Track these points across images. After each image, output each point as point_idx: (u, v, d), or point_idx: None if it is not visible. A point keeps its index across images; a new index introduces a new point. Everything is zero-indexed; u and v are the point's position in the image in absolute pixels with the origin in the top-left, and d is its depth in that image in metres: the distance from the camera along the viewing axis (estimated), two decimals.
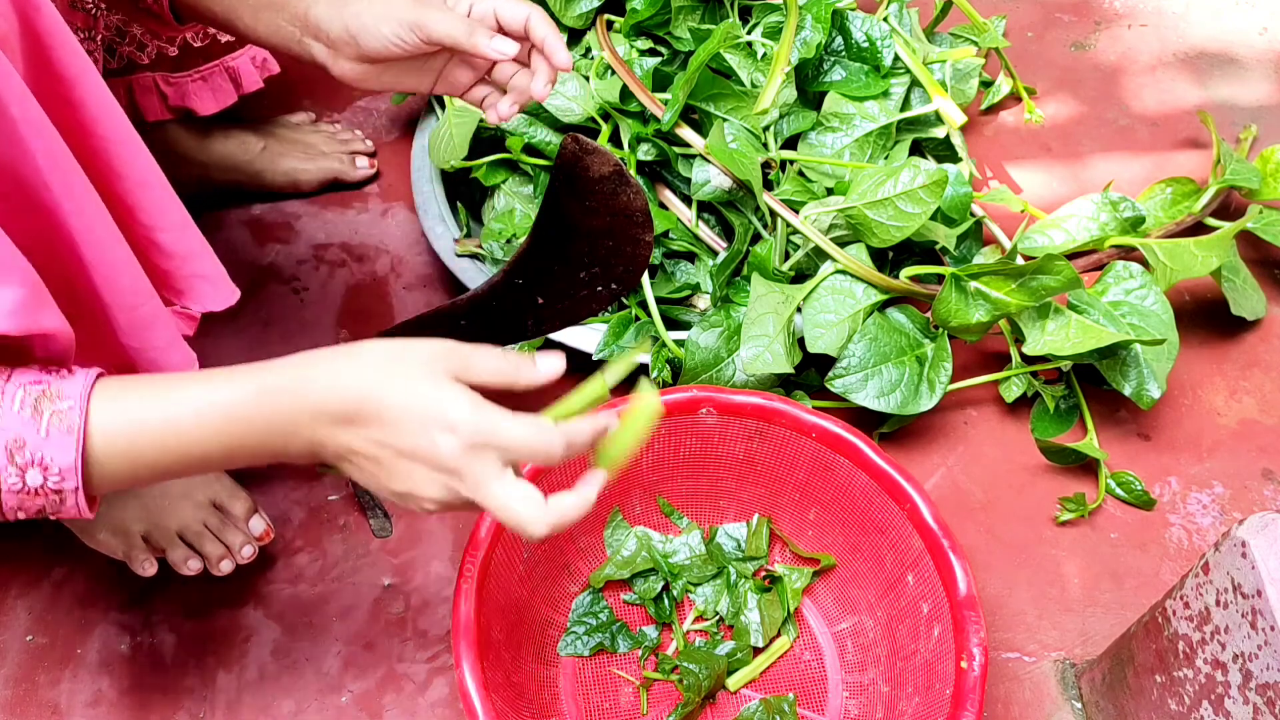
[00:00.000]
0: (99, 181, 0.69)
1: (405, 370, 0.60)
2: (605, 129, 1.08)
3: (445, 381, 0.60)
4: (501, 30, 0.79)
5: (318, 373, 0.61)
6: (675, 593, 0.94)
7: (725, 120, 1.04)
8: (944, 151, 1.16)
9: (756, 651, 0.92)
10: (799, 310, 1.00)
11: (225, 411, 0.60)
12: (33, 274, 0.60)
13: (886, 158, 1.10)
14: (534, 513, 0.60)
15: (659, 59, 1.13)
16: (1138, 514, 1.04)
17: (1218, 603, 0.72)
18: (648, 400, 0.65)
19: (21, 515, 0.60)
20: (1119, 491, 1.04)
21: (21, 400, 0.58)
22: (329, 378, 0.60)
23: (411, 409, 0.59)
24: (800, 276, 1.04)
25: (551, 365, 0.64)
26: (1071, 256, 1.09)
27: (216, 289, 0.80)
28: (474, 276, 1.06)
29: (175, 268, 0.77)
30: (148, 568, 0.89)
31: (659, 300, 1.04)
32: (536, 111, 1.11)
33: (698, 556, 0.95)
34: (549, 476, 0.86)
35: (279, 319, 1.13)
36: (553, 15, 1.14)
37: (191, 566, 0.89)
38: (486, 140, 1.13)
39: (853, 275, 1.01)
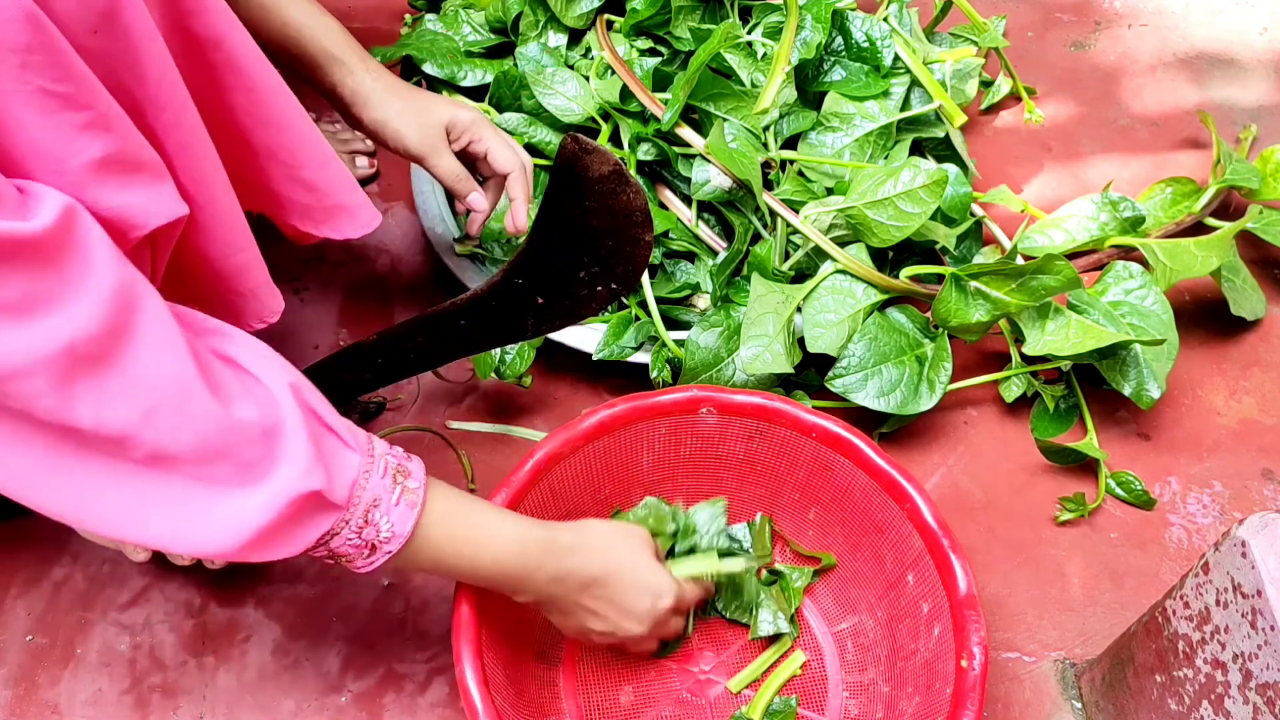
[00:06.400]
0: (238, 134, 0.75)
1: (631, 552, 0.81)
2: (605, 129, 1.08)
3: (655, 563, 0.82)
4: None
5: (588, 541, 0.78)
6: None
7: (725, 120, 1.04)
8: (944, 151, 1.16)
9: (763, 645, 0.92)
10: (799, 310, 1.00)
11: (515, 535, 0.74)
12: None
13: (886, 158, 1.10)
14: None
15: (659, 59, 1.13)
16: (1138, 514, 1.04)
17: (1218, 602, 0.72)
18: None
19: (321, 552, 0.67)
20: (1119, 491, 1.04)
21: (385, 468, 0.68)
22: (583, 553, 0.78)
23: (638, 583, 0.81)
24: (800, 276, 1.04)
25: None
26: (1071, 256, 1.09)
27: (355, 219, 0.90)
28: (474, 276, 1.06)
29: (315, 200, 0.85)
30: (139, 555, 0.89)
31: (659, 300, 1.04)
32: (537, 112, 1.11)
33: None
34: None
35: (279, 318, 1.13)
36: (553, 15, 1.15)
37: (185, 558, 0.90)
38: None
39: (853, 275, 1.01)
